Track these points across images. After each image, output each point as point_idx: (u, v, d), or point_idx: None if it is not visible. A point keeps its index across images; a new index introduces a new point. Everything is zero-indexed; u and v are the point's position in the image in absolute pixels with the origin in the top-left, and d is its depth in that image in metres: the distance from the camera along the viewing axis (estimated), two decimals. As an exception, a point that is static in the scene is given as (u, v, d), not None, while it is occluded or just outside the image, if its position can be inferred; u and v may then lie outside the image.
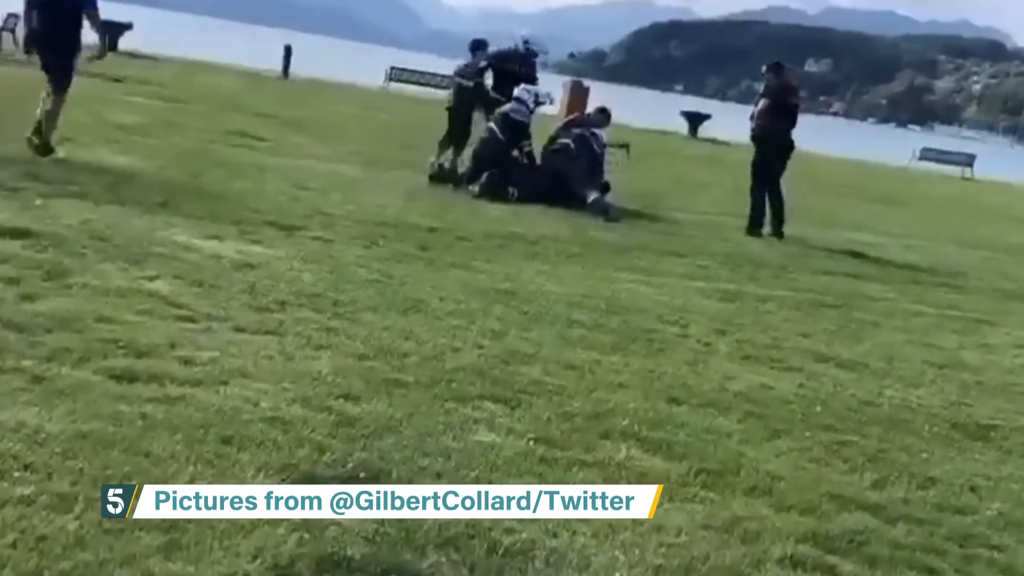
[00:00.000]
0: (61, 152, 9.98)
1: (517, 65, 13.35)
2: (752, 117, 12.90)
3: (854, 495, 4.40)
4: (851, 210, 17.46)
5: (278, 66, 32.27)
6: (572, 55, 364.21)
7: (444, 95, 32.07)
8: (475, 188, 11.92)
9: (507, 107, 12.62)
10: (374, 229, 8.87)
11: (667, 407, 5.24)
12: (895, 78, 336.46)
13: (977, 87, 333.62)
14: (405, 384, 4.92)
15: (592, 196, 11.84)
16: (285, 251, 7.47)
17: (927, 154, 36.29)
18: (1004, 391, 6.61)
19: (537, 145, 12.87)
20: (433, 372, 5.17)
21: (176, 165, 10.67)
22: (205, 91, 21.43)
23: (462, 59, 13.87)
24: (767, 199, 12.46)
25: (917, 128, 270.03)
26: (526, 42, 13.93)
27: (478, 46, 13.82)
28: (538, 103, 12.92)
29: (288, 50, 31.85)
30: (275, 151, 13.25)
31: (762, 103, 12.76)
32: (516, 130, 12.44)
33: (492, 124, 12.78)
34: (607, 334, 6.52)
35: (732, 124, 37.99)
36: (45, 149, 9.83)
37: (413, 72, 33.88)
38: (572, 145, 12.51)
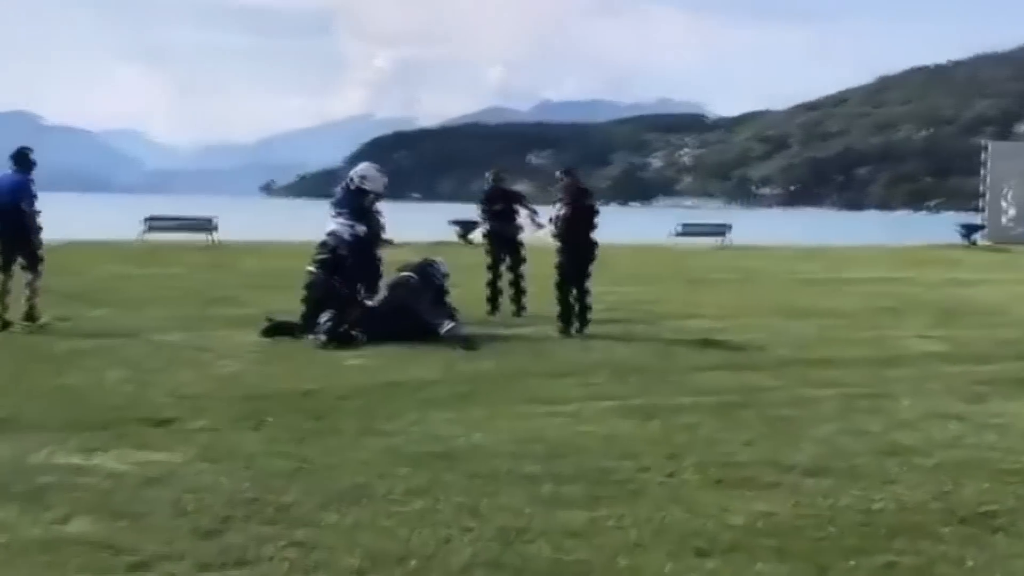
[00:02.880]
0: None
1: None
2: (553, 221, 12.87)
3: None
4: (661, 295, 17.67)
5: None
6: (302, 177, 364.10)
7: (203, 238, 31.12)
8: (320, 337, 11.19)
9: (322, 239, 12.16)
10: (251, 405, 8.06)
11: (699, 562, 4.80)
12: (612, 161, 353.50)
13: (686, 159, 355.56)
14: (430, 597, 4.28)
15: (445, 326, 11.36)
16: (180, 453, 6.59)
17: (686, 229, 37.93)
18: (961, 469, 6.52)
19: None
20: (447, 575, 4.54)
21: (-12, 367, 9.48)
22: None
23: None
24: (576, 299, 12.56)
25: (639, 204, 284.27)
26: (362, 177, 13.29)
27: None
28: (356, 235, 12.40)
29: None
30: (81, 331, 12.03)
31: (564, 207, 12.75)
32: (335, 263, 11.91)
33: (311, 267, 12.19)
34: (573, 484, 6.03)
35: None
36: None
37: (171, 219, 32.68)
38: (413, 277, 12.04)
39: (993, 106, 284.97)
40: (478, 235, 17.19)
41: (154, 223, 31.46)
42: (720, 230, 38.33)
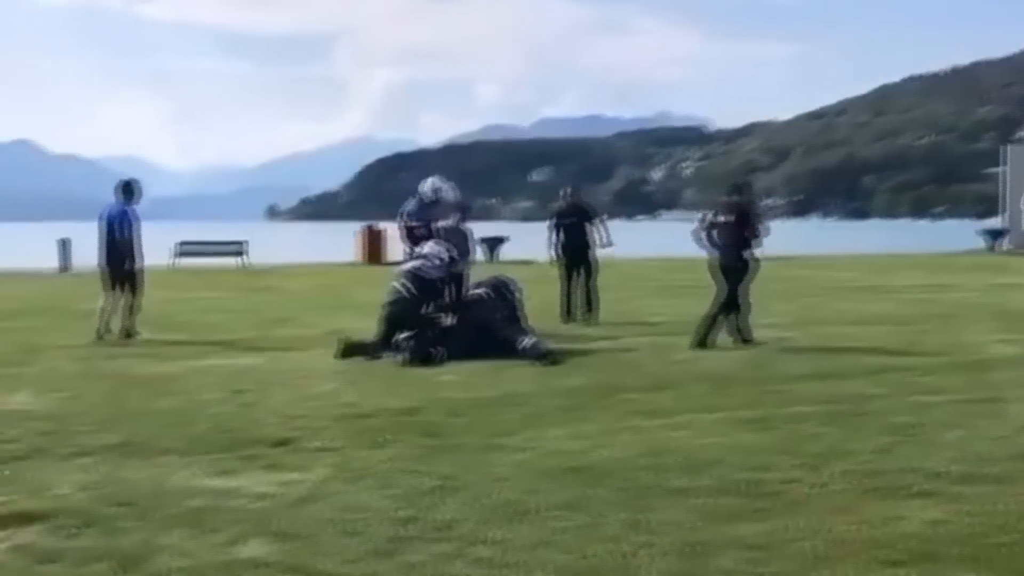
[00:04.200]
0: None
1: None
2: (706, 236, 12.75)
3: None
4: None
5: (34, 263, 30.04)
6: (305, 200, 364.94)
7: (233, 262, 31.01)
8: (402, 355, 11.10)
9: (415, 263, 12.03)
10: (361, 424, 7.99)
11: (896, 572, 4.70)
12: (614, 175, 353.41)
13: (689, 172, 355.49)
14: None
15: (524, 342, 11.26)
16: (315, 473, 6.50)
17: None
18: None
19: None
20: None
21: (82, 395, 9.36)
22: (9, 301, 19.62)
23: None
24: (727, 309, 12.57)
25: (643, 217, 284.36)
26: (437, 189, 13.62)
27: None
28: (451, 259, 12.38)
29: (64, 243, 29.89)
30: (156, 356, 11.96)
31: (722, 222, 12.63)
32: (427, 288, 11.81)
33: (399, 282, 12.05)
34: (725, 497, 5.92)
35: (526, 243, 38.50)
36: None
37: (201, 244, 32.72)
38: (488, 295, 11.95)
39: (993, 112, 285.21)
40: (507, 251, 17.13)
41: (185, 248, 31.49)
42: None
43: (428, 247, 12.43)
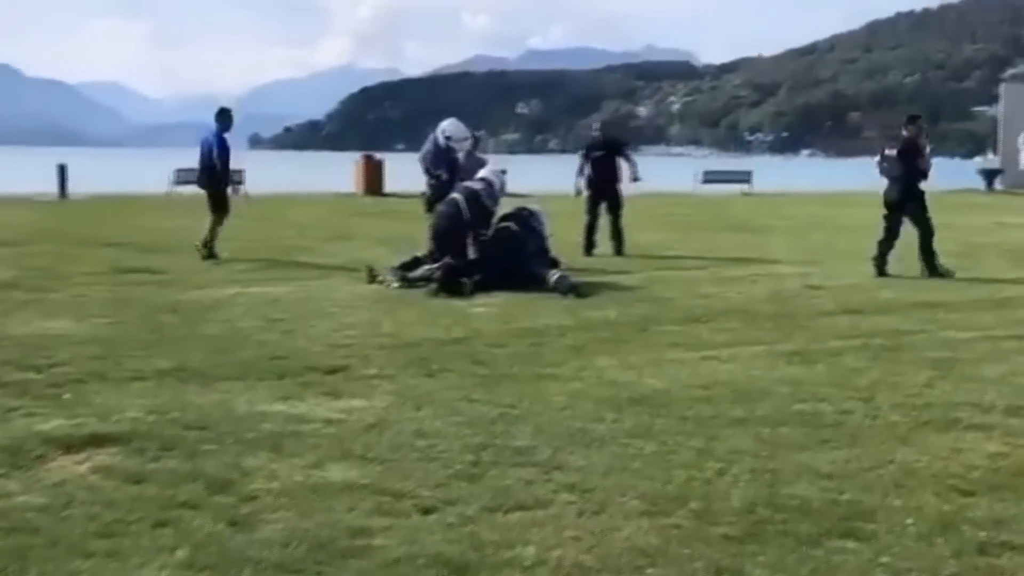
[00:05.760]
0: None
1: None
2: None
3: None
4: (723, 244, 17.65)
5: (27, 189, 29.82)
6: (288, 128, 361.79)
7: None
8: (432, 288, 11.15)
9: (478, 186, 12.01)
10: (408, 353, 8.06)
11: (971, 501, 4.83)
12: (601, 109, 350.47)
13: (676, 107, 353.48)
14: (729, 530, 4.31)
15: (553, 276, 11.32)
16: (377, 400, 6.58)
17: (710, 176, 37.85)
18: None
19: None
20: (743, 518, 4.56)
21: (121, 321, 9.39)
22: (16, 228, 19.54)
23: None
24: None
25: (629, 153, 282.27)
26: (447, 137, 13.39)
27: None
28: (503, 192, 12.45)
29: (63, 169, 29.69)
30: (183, 283, 11.97)
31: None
32: (480, 215, 11.84)
33: (458, 196, 12.04)
34: (786, 427, 6.04)
35: (517, 177, 38.27)
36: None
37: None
38: (516, 228, 11.97)
39: (982, 51, 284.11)
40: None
41: (183, 175, 31.17)
42: (744, 178, 38.25)
43: (485, 171, 12.43)
